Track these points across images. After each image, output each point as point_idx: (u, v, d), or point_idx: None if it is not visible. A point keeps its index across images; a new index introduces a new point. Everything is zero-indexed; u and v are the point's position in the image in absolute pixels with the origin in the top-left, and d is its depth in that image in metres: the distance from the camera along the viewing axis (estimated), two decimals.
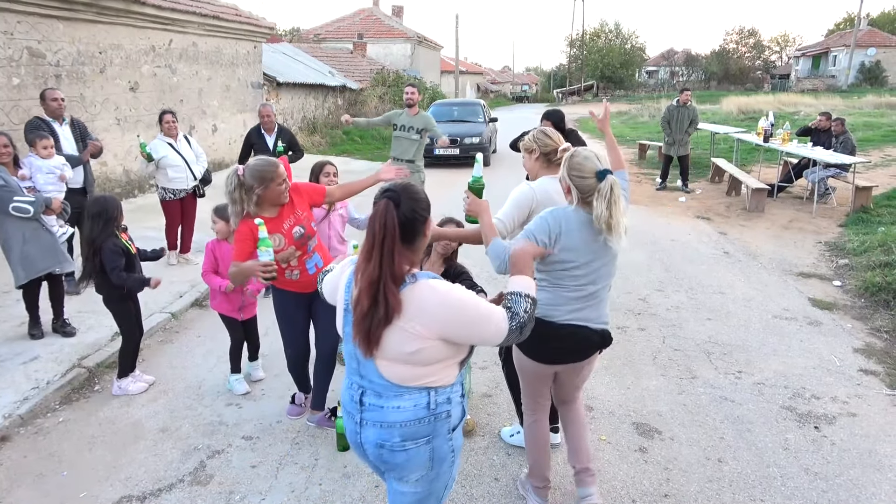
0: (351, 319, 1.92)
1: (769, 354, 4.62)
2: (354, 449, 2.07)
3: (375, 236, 1.84)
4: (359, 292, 1.86)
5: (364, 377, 1.96)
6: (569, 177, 2.62)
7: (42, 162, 4.87)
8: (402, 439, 1.93)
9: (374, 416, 1.94)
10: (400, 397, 1.92)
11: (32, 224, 4.41)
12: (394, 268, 1.83)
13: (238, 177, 3.08)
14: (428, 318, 1.85)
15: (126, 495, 3.13)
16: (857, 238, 7.40)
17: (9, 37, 7.27)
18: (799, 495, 3.07)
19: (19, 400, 3.89)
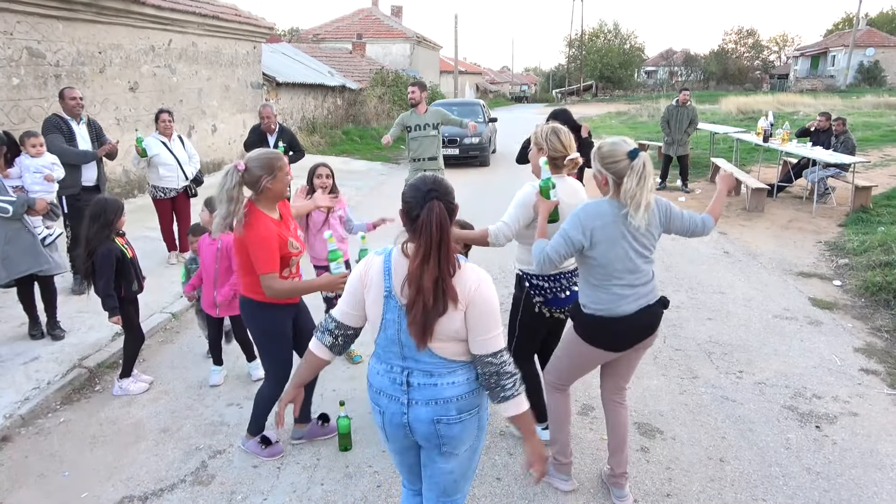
0: (393, 306, 2.01)
1: (770, 354, 4.62)
2: (395, 430, 2.12)
3: (433, 237, 1.92)
4: (417, 291, 1.92)
5: (409, 359, 2.04)
6: (603, 168, 2.66)
7: (31, 161, 4.83)
8: (458, 412, 2.05)
9: (427, 395, 2.04)
10: (453, 373, 2.04)
11: (14, 224, 4.35)
12: (450, 263, 1.94)
13: (239, 173, 2.81)
14: (465, 290, 1.97)
15: (128, 495, 3.13)
16: (857, 238, 7.40)
17: (8, 37, 7.27)
18: (801, 495, 3.07)
19: (20, 400, 3.88)
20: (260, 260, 2.88)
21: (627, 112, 29.19)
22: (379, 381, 2.12)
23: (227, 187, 2.79)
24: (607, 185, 2.69)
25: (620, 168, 2.61)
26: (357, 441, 3.53)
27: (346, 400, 3.66)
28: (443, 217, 1.94)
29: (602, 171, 2.68)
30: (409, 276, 1.95)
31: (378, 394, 2.13)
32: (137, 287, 4.02)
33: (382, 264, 2.05)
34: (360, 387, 4.19)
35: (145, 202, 9.46)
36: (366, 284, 2.08)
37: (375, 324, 2.08)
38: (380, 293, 2.04)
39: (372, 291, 2.06)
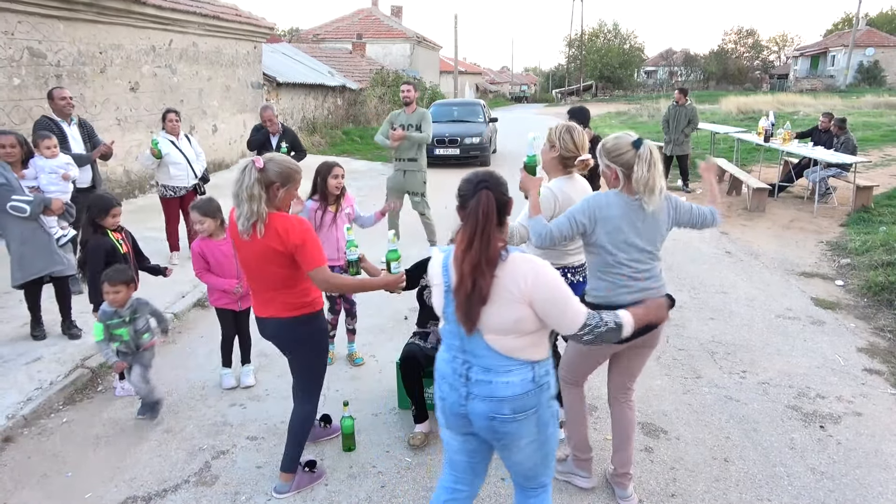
0: (451, 300, 2.09)
1: (773, 354, 4.61)
2: (454, 420, 2.19)
3: (478, 224, 2.00)
4: (461, 276, 2.02)
5: (469, 352, 2.11)
6: (611, 162, 2.73)
7: (46, 162, 4.85)
8: (513, 412, 2.08)
9: (483, 391, 2.08)
10: (509, 373, 2.07)
11: (31, 224, 4.38)
12: (490, 251, 2.00)
13: (258, 170, 2.64)
14: (522, 283, 2.01)
15: (131, 496, 3.12)
16: (859, 237, 7.40)
17: (9, 37, 7.26)
18: (806, 495, 3.07)
19: (23, 400, 3.88)
20: (311, 254, 2.68)
21: (627, 112, 29.18)
22: (443, 367, 2.21)
23: (246, 184, 2.61)
24: (617, 178, 2.75)
25: (627, 159, 2.67)
26: (361, 441, 3.53)
27: (349, 400, 3.65)
28: (489, 206, 2.01)
29: (610, 166, 2.74)
30: (453, 260, 2.05)
31: (441, 380, 2.21)
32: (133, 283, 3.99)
33: (443, 260, 2.16)
34: (364, 387, 4.19)
35: (146, 202, 9.47)
36: (431, 278, 2.21)
37: (440, 315, 2.20)
38: (441, 287, 2.15)
39: (436, 287, 2.19)
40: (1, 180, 4.28)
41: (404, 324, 5.18)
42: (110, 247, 3.88)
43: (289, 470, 3.07)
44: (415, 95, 6.80)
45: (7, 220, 4.36)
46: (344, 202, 4.24)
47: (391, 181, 6.92)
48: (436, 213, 7.24)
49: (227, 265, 3.98)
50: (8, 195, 4.26)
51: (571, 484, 3.13)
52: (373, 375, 4.35)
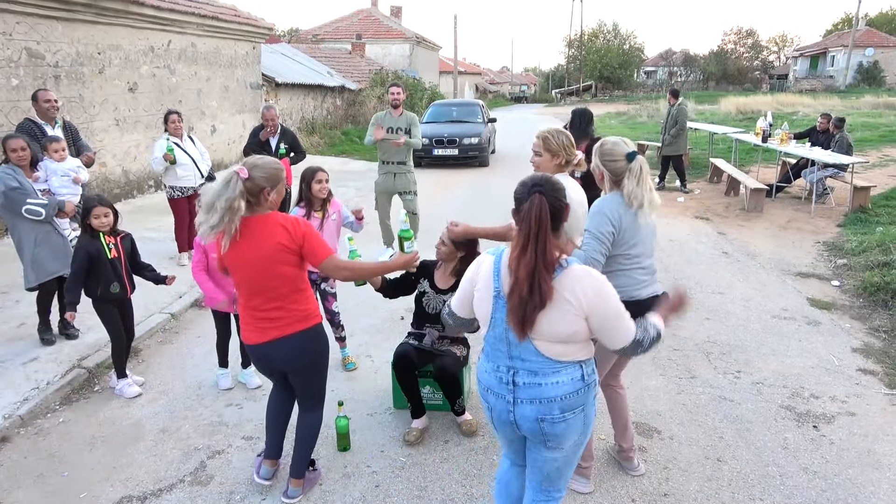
0: (503, 305, 2.08)
1: (768, 354, 4.63)
2: (501, 427, 2.24)
3: (531, 229, 2.00)
4: (515, 281, 2.01)
5: (516, 358, 2.12)
6: (602, 164, 2.83)
7: (56, 165, 4.87)
8: (562, 411, 2.11)
9: (531, 394, 2.11)
10: (557, 373, 2.10)
11: (45, 227, 4.43)
12: (546, 256, 2.00)
13: (244, 180, 2.56)
14: (582, 297, 2.03)
15: (126, 495, 3.13)
16: (856, 238, 7.41)
17: (7, 37, 7.27)
18: (798, 494, 3.08)
19: (19, 400, 3.89)
20: (317, 245, 2.67)
21: (627, 112, 29.18)
22: (487, 378, 2.22)
23: (227, 196, 2.52)
24: (602, 179, 2.86)
25: (618, 167, 2.78)
26: (356, 441, 3.54)
27: (344, 400, 3.67)
28: (542, 211, 2.00)
29: (599, 167, 2.84)
30: (508, 264, 2.05)
31: (486, 391, 2.23)
32: (119, 290, 3.96)
33: (493, 265, 2.14)
34: (359, 388, 4.20)
35: (145, 202, 9.49)
36: (475, 283, 2.19)
37: (484, 321, 2.18)
38: (489, 292, 2.13)
39: (481, 290, 2.16)
40: (14, 184, 4.31)
41: (400, 324, 5.19)
42: (95, 250, 3.84)
43: (300, 475, 3.04)
44: (403, 98, 6.77)
45: (21, 223, 4.39)
46: (330, 208, 4.21)
47: (380, 185, 6.92)
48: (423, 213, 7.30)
49: None
50: (23, 199, 4.29)
51: (571, 489, 3.13)
52: (368, 375, 4.36)
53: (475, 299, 2.19)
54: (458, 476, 3.23)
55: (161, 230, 7.65)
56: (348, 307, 5.47)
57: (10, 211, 4.35)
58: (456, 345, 3.72)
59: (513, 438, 2.29)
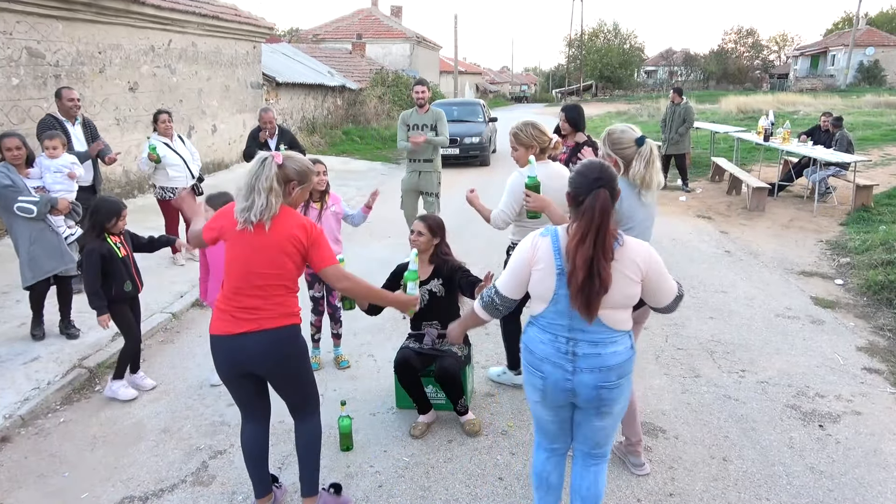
0: (565, 282, 2.20)
1: (772, 353, 4.60)
2: (558, 395, 2.33)
3: (593, 222, 2.13)
4: (573, 267, 2.15)
5: (576, 330, 2.27)
6: (613, 152, 2.96)
7: (51, 161, 4.84)
8: (618, 377, 2.30)
9: (592, 363, 2.27)
10: (615, 343, 2.28)
11: (38, 224, 4.40)
12: (605, 246, 2.14)
13: (278, 165, 2.53)
14: (641, 262, 2.23)
15: (128, 496, 3.11)
16: (859, 237, 7.39)
17: (8, 37, 7.25)
18: (805, 494, 3.05)
19: (20, 400, 3.87)
20: (324, 251, 2.59)
21: (627, 112, 29.16)
22: (543, 349, 2.33)
23: (265, 176, 2.47)
24: (617, 165, 2.94)
25: (628, 153, 2.91)
26: (358, 441, 3.52)
27: (347, 400, 3.64)
28: (606, 205, 2.14)
29: (612, 154, 2.95)
30: (566, 252, 2.18)
31: (542, 361, 2.33)
32: (132, 287, 3.97)
33: (552, 244, 2.26)
34: (361, 387, 4.18)
35: (145, 202, 9.46)
36: (533, 263, 2.28)
37: (543, 297, 2.29)
38: (551, 270, 2.24)
39: (542, 269, 2.26)
40: (6, 182, 4.30)
41: (402, 323, 5.16)
42: (106, 251, 3.82)
43: (310, 494, 2.83)
44: (428, 96, 6.70)
45: (15, 221, 4.38)
46: (329, 199, 4.26)
47: (406, 182, 6.86)
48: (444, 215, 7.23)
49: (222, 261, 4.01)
50: (14, 196, 4.28)
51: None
52: (371, 375, 4.34)
53: (534, 278, 2.29)
54: (462, 476, 3.21)
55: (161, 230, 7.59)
56: None
57: (4, 209, 4.34)
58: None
59: (562, 406, 2.39)
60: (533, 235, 2.33)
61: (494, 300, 2.44)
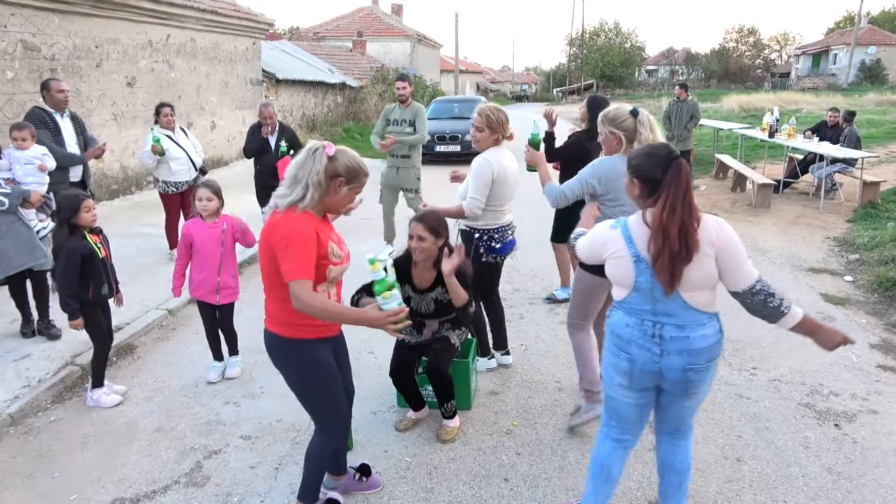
0: (644, 268, 2.26)
1: (783, 351, 4.48)
2: (644, 377, 2.36)
3: (680, 190, 2.20)
4: (666, 238, 2.18)
5: (661, 314, 2.31)
6: (615, 128, 3.16)
7: (20, 153, 4.65)
8: (707, 360, 2.33)
9: (680, 346, 2.30)
10: (702, 326, 2.30)
11: (8, 218, 4.21)
12: (693, 211, 2.21)
13: (328, 158, 2.34)
14: (714, 235, 2.25)
15: (119, 497, 2.99)
16: (867, 233, 7.26)
17: (3, 30, 7.13)
18: (823, 496, 2.93)
19: (9, 399, 3.75)
20: (291, 261, 2.25)
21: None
22: (629, 332, 2.36)
23: (316, 169, 2.30)
24: (620, 142, 3.16)
25: (628, 125, 3.13)
26: (359, 441, 3.40)
27: None
28: (688, 173, 2.25)
29: (615, 132, 3.16)
30: (654, 229, 2.21)
31: (628, 343, 2.36)
32: (108, 291, 3.74)
33: (622, 233, 2.33)
34: (361, 384, 4.04)
35: (142, 199, 9.35)
36: (605, 252, 2.36)
37: (624, 284, 2.34)
38: (626, 260, 2.31)
39: (617, 258, 2.33)
40: None
41: None
42: (88, 251, 3.58)
43: (304, 500, 2.69)
44: (410, 92, 6.61)
45: None
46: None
47: (384, 178, 6.75)
48: None
49: (212, 250, 3.91)
50: None
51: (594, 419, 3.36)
52: (371, 373, 4.22)
53: (610, 265, 2.37)
54: (466, 477, 3.09)
55: (159, 226, 7.47)
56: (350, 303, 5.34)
57: None
58: (456, 328, 3.51)
59: (647, 389, 2.42)
60: (603, 227, 2.43)
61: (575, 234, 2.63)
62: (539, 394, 3.90)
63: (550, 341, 4.65)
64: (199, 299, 4.06)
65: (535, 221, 6.88)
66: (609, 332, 2.46)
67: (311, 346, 2.48)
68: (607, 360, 2.48)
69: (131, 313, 4.93)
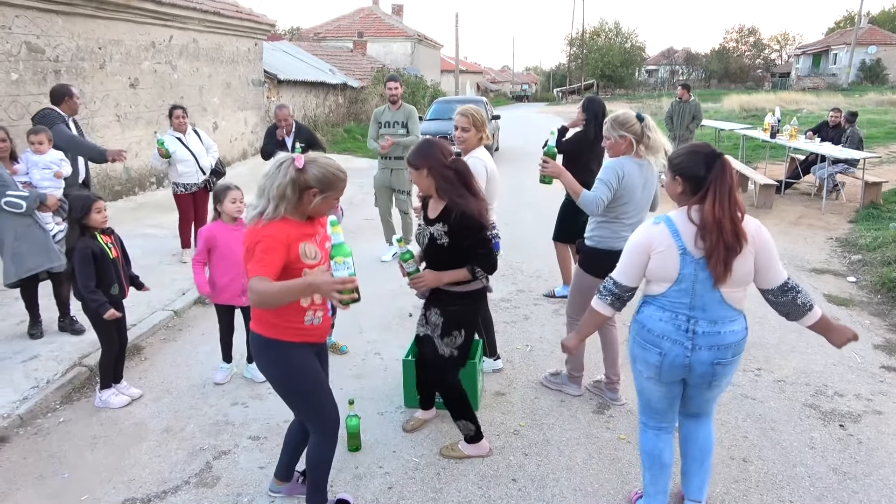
0: (689, 261, 2.35)
1: (788, 351, 4.50)
2: (674, 371, 2.47)
3: (726, 185, 2.30)
4: (721, 231, 2.27)
5: (697, 309, 2.40)
6: (625, 131, 3.37)
7: (38, 157, 4.71)
8: (733, 355, 2.46)
9: (711, 341, 2.41)
10: (733, 322, 2.43)
11: (25, 220, 4.27)
12: (740, 205, 2.31)
13: (296, 170, 2.34)
14: (755, 234, 2.36)
15: (129, 498, 3.01)
16: (870, 234, 7.28)
17: (7, 31, 7.15)
18: (829, 496, 2.95)
19: (18, 399, 3.77)
20: (252, 262, 2.27)
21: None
22: (662, 326, 2.46)
23: (278, 183, 2.31)
24: (630, 145, 3.37)
25: (637, 129, 3.36)
26: (366, 441, 3.42)
27: (355, 398, 3.54)
28: (732, 169, 2.33)
29: (625, 135, 3.36)
30: (708, 224, 2.29)
31: (660, 338, 2.46)
32: (119, 291, 3.74)
33: (668, 227, 2.40)
34: (368, 385, 4.08)
35: (146, 199, 9.38)
36: (651, 250, 2.41)
37: (666, 278, 2.41)
38: (673, 253, 2.38)
39: (663, 252, 2.39)
40: None
41: (409, 321, 5.07)
42: (99, 250, 3.59)
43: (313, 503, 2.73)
44: (401, 92, 6.60)
45: (0, 216, 4.24)
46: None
47: (378, 179, 6.77)
48: None
49: (238, 253, 3.90)
50: (2, 191, 4.15)
51: (563, 392, 3.91)
52: (377, 373, 4.24)
53: (655, 262, 2.42)
54: (474, 477, 3.11)
55: (163, 227, 7.53)
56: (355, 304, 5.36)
57: None
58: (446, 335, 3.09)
59: (676, 382, 2.54)
60: (644, 226, 2.49)
61: (616, 292, 2.53)
62: (545, 394, 3.92)
63: (555, 342, 4.67)
64: (224, 303, 4.00)
65: (537, 222, 6.90)
66: (639, 328, 2.53)
67: (295, 349, 2.51)
68: (635, 355, 2.58)
69: (138, 314, 4.95)
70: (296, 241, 2.37)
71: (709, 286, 2.36)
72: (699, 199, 2.33)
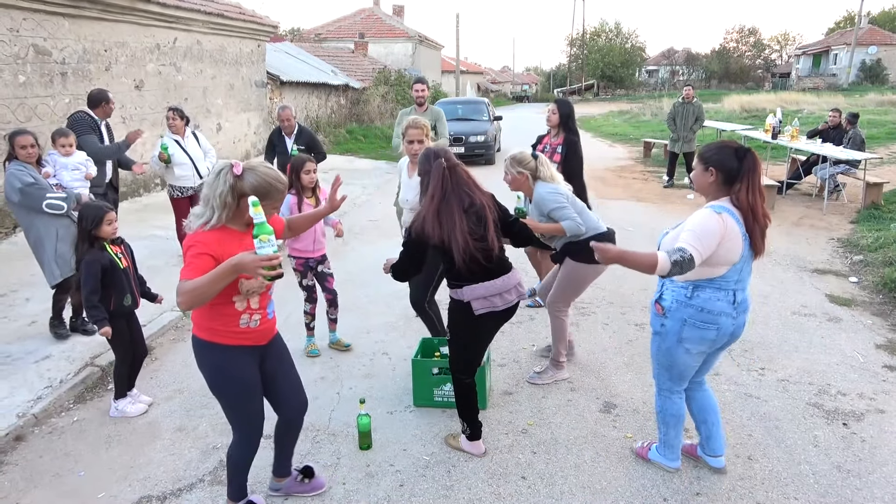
0: (746, 243, 2.68)
1: (791, 351, 4.55)
2: (723, 338, 2.82)
3: (757, 175, 2.65)
4: (763, 214, 2.68)
5: (739, 281, 2.76)
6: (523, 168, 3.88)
7: (66, 159, 4.81)
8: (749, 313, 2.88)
9: (745, 306, 2.84)
10: (748, 286, 2.84)
11: (64, 221, 4.36)
12: (763, 192, 2.70)
13: (234, 176, 2.34)
14: None
15: (146, 495, 3.06)
16: (871, 234, 7.33)
17: (15, 34, 7.21)
18: (833, 493, 3.01)
19: (33, 399, 3.82)
20: (186, 264, 2.31)
21: (630, 111, 29.10)
22: (720, 305, 2.75)
23: (219, 191, 2.33)
24: (527, 179, 3.88)
25: (532, 165, 3.87)
26: (377, 440, 3.47)
27: (365, 397, 3.59)
28: (760, 162, 2.67)
29: (523, 171, 3.87)
30: (752, 208, 2.64)
31: (718, 315, 2.76)
32: (132, 301, 3.71)
33: (732, 216, 2.65)
34: (378, 384, 4.13)
35: (151, 201, 9.43)
36: (723, 236, 2.62)
37: (730, 261, 2.68)
38: (739, 238, 2.65)
39: (732, 238, 2.64)
40: (30, 180, 4.26)
41: (415, 321, 5.11)
42: (108, 262, 3.57)
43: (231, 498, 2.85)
44: (428, 94, 6.63)
45: (38, 219, 4.32)
46: (321, 195, 4.35)
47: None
48: None
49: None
50: (42, 194, 4.24)
51: (557, 380, 4.12)
52: (386, 373, 4.29)
53: (725, 247, 2.64)
54: (485, 475, 3.16)
55: (168, 228, 7.58)
56: (360, 304, 5.41)
57: (28, 207, 4.28)
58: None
59: (717, 349, 2.91)
60: (712, 213, 2.65)
61: (685, 265, 2.60)
62: (552, 394, 3.98)
63: None
64: None
65: None
66: (695, 311, 2.77)
67: (228, 352, 2.53)
68: (689, 336, 2.80)
69: (147, 315, 4.99)
70: (230, 251, 2.34)
71: (749, 261, 2.72)
72: (732, 188, 2.66)
